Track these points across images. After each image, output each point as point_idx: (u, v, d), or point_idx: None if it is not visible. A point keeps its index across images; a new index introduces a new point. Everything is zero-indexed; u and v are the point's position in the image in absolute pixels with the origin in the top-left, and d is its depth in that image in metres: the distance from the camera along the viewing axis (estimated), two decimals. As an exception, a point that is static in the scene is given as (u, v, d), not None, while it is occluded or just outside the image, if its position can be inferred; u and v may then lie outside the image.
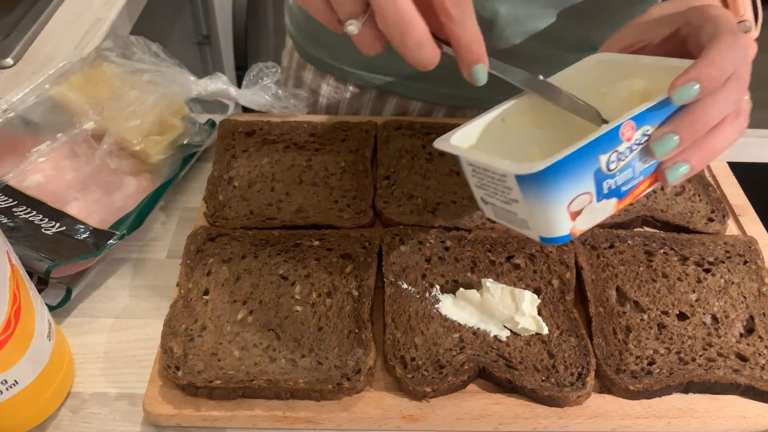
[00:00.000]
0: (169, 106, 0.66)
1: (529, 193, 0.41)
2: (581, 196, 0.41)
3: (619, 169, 0.42)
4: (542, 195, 0.40)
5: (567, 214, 0.41)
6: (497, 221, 0.47)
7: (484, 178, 0.44)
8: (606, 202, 0.43)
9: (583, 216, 0.42)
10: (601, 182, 0.41)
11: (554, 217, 0.41)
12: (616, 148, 0.41)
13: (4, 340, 0.42)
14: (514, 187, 0.41)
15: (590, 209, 0.42)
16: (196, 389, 0.48)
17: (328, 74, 0.80)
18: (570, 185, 0.40)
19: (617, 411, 0.49)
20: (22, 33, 0.90)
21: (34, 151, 0.62)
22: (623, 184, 0.43)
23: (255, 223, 0.61)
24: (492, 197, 0.45)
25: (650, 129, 0.42)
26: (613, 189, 0.42)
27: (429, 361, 0.50)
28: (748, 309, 0.54)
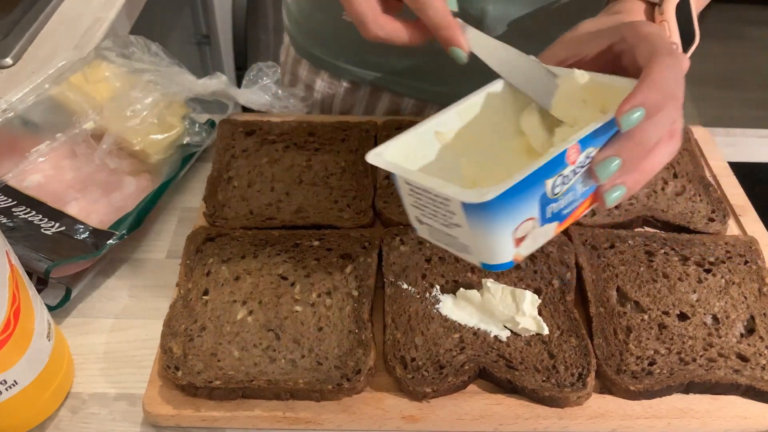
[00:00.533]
0: (168, 105, 0.66)
1: (475, 220, 0.39)
2: (526, 222, 0.40)
3: (563, 193, 0.41)
4: (489, 222, 0.39)
5: (512, 241, 0.40)
6: (432, 242, 0.46)
7: (423, 199, 0.43)
8: (548, 227, 0.42)
9: (527, 242, 0.41)
10: (545, 207, 0.41)
11: (499, 244, 0.40)
12: (561, 172, 0.40)
13: (4, 340, 0.42)
14: (458, 213, 0.40)
15: (534, 234, 0.42)
16: (195, 389, 0.48)
17: (323, 70, 0.80)
18: (517, 212, 0.39)
19: (618, 411, 0.49)
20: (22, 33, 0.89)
21: (33, 151, 0.62)
22: (565, 207, 0.42)
23: (255, 223, 0.61)
24: (430, 218, 0.43)
25: (593, 151, 0.41)
26: (556, 213, 0.42)
27: (429, 361, 0.50)
28: (749, 309, 0.54)
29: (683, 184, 0.65)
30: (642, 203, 0.63)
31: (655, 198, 0.64)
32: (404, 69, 0.75)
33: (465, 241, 0.42)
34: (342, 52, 0.77)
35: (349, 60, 0.77)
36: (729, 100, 2.59)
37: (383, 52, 0.74)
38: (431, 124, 0.47)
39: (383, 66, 0.76)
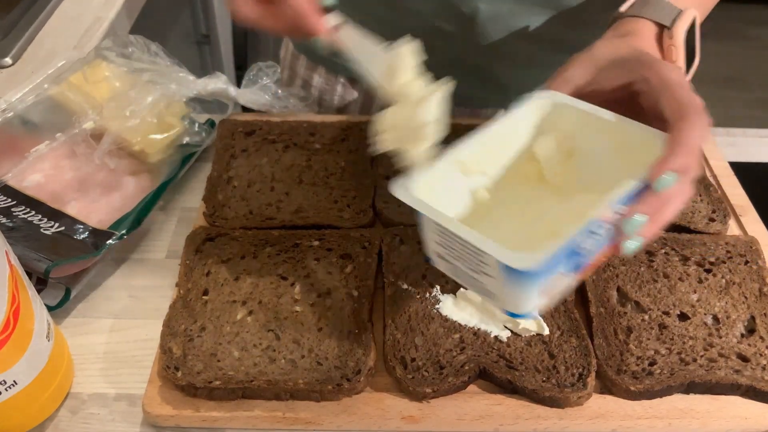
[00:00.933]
0: (168, 105, 0.66)
1: (512, 279, 0.39)
2: (555, 277, 0.41)
3: (589, 247, 0.41)
4: (524, 282, 0.39)
5: (539, 295, 0.41)
6: (450, 276, 0.45)
7: (453, 243, 0.42)
8: (571, 276, 0.42)
9: (550, 292, 0.42)
10: (572, 260, 0.41)
11: (527, 299, 0.41)
12: (594, 231, 0.41)
13: (3, 340, 0.42)
14: (493, 267, 0.40)
15: (557, 285, 0.42)
16: (195, 390, 0.48)
17: (320, 65, 0.81)
18: (551, 271, 0.40)
19: (618, 411, 0.49)
20: (21, 32, 0.89)
21: (33, 151, 0.62)
22: (587, 258, 0.42)
23: (254, 223, 0.61)
24: (456, 261, 0.43)
25: (621, 208, 0.41)
26: (579, 265, 0.42)
27: (429, 361, 0.50)
28: (749, 309, 0.54)
29: (683, 184, 0.65)
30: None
31: (656, 198, 0.64)
32: None
33: (492, 290, 0.42)
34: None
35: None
36: (729, 100, 2.59)
37: None
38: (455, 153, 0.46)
39: None
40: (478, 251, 0.40)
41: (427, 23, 0.68)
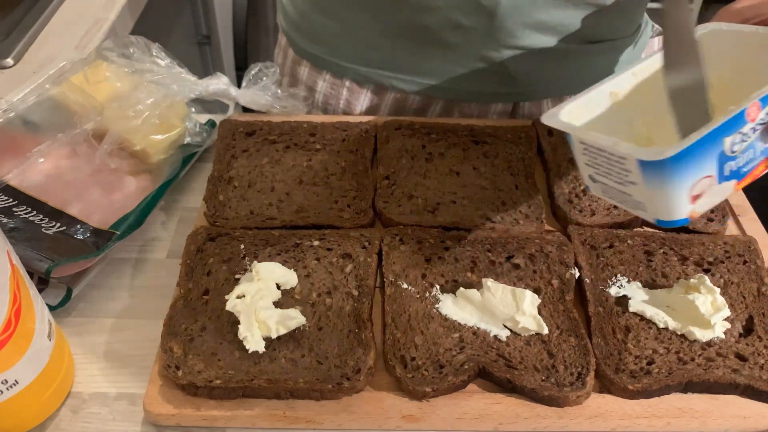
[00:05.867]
0: (169, 106, 0.66)
1: (652, 178, 0.39)
2: (704, 179, 0.40)
3: (742, 150, 0.41)
4: (666, 180, 0.39)
5: (688, 198, 0.40)
6: (605, 198, 0.46)
7: (598, 158, 0.43)
8: (726, 184, 0.42)
9: (704, 198, 0.41)
10: (723, 164, 0.40)
11: (675, 201, 0.40)
12: (740, 130, 0.39)
13: (5, 340, 0.42)
14: (634, 171, 0.40)
15: (711, 191, 0.41)
16: (196, 389, 0.48)
17: (325, 70, 0.80)
18: (695, 170, 0.39)
19: (617, 411, 0.49)
20: (23, 33, 0.90)
21: (34, 151, 0.62)
22: (744, 165, 0.42)
23: (255, 223, 0.61)
24: (604, 177, 0.44)
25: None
26: (734, 170, 0.41)
27: (429, 360, 0.50)
28: (748, 309, 0.54)
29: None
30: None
31: (655, 198, 0.64)
32: (410, 66, 0.75)
33: (640, 198, 0.42)
34: (345, 52, 0.77)
35: (353, 59, 0.77)
36: (729, 100, 2.58)
37: (389, 51, 0.74)
38: (606, 85, 0.48)
39: (389, 64, 0.76)
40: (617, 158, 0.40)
41: (444, 18, 0.68)
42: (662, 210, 0.41)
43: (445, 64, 0.73)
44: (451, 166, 0.67)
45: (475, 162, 0.67)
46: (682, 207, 0.41)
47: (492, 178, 0.65)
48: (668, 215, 0.41)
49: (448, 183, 0.65)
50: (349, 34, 0.75)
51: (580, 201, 0.63)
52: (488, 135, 0.70)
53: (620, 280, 0.56)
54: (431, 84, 0.76)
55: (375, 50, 0.75)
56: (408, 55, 0.74)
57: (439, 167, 0.67)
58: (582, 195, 0.64)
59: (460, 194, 0.64)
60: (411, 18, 0.70)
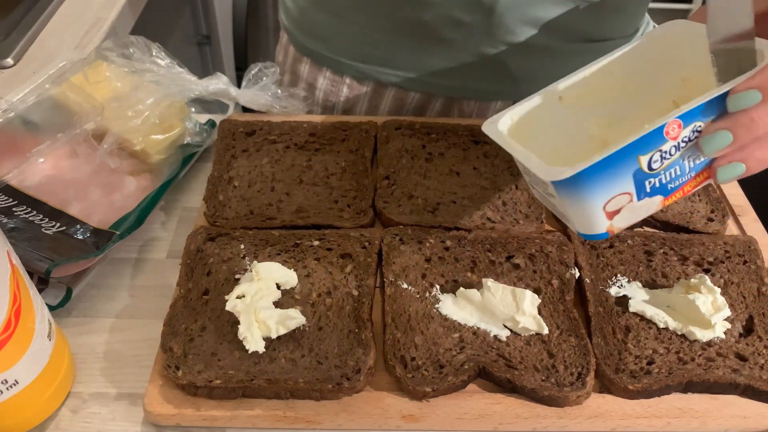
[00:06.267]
0: (169, 106, 0.66)
1: (564, 194, 0.40)
2: (619, 196, 0.40)
3: (664, 168, 0.40)
4: (575, 197, 0.39)
5: (603, 214, 0.40)
6: (544, 204, 0.47)
7: (528, 172, 0.44)
8: (649, 200, 0.41)
9: (623, 214, 0.41)
10: (642, 181, 0.40)
11: (590, 217, 0.40)
12: (659, 148, 0.39)
13: (5, 340, 0.42)
14: (549, 185, 0.41)
15: (630, 208, 0.41)
16: (196, 389, 0.48)
17: (325, 67, 0.80)
18: (605, 187, 0.39)
19: (617, 411, 0.49)
20: (23, 33, 0.90)
21: (34, 151, 0.62)
22: (670, 181, 0.41)
23: (255, 223, 0.61)
24: (535, 186, 0.45)
25: (701, 125, 0.39)
26: (658, 187, 0.41)
27: (429, 360, 0.50)
28: (748, 309, 0.54)
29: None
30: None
31: (655, 198, 0.64)
32: (410, 63, 0.75)
33: (561, 210, 0.43)
34: (345, 49, 0.77)
35: (353, 56, 0.77)
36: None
37: (389, 47, 0.74)
38: (556, 87, 0.48)
39: (388, 61, 0.76)
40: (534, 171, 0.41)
41: (443, 15, 0.68)
42: (581, 224, 0.42)
43: (444, 61, 0.73)
44: (451, 166, 0.67)
45: (475, 162, 0.67)
46: (599, 222, 0.41)
47: (492, 178, 0.65)
48: (587, 229, 0.42)
49: (448, 183, 0.65)
50: (349, 31, 0.75)
51: (580, 201, 0.63)
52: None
53: (620, 280, 0.56)
54: (431, 81, 0.76)
55: (374, 47, 0.75)
56: (407, 52, 0.74)
57: (439, 167, 0.67)
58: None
59: (460, 194, 0.64)
60: (410, 14, 0.70)
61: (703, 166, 0.42)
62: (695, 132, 0.40)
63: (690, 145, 0.40)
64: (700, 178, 0.42)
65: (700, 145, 0.39)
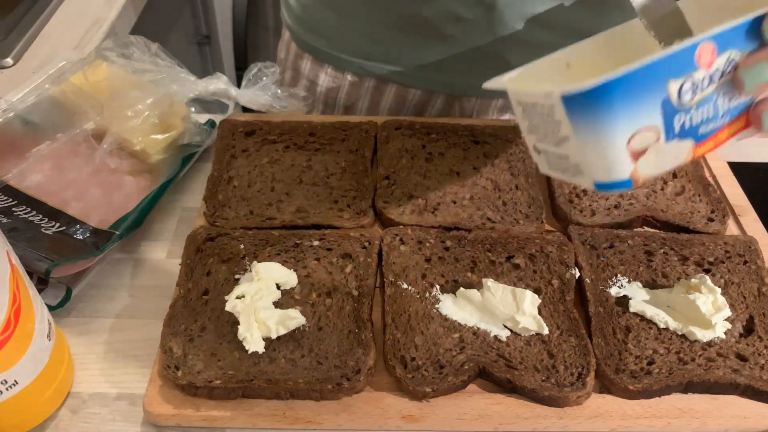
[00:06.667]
0: (169, 106, 0.66)
1: (579, 121, 0.34)
2: (645, 131, 0.34)
3: (696, 103, 0.35)
4: (595, 123, 0.34)
5: (626, 153, 0.35)
6: (550, 173, 0.41)
7: (534, 117, 0.38)
8: (678, 144, 0.36)
9: (649, 158, 0.35)
10: (671, 116, 0.35)
11: (611, 155, 0.35)
12: (690, 75, 0.34)
13: (4, 340, 0.42)
14: (562, 119, 0.35)
15: (657, 150, 0.35)
16: (195, 389, 0.48)
17: (326, 63, 0.80)
18: (629, 114, 0.34)
19: (617, 411, 0.49)
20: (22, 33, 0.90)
21: (34, 151, 0.62)
22: (702, 123, 0.36)
23: (255, 223, 0.61)
24: (543, 141, 0.39)
25: (737, 56, 0.35)
26: (689, 128, 0.36)
27: (429, 361, 0.50)
28: (748, 309, 0.54)
29: (683, 184, 0.66)
30: (642, 203, 0.63)
31: (655, 198, 0.64)
32: (411, 60, 0.75)
33: (576, 159, 0.37)
34: (347, 45, 0.77)
35: (355, 52, 0.77)
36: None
37: (390, 44, 0.74)
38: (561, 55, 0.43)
39: (389, 57, 0.76)
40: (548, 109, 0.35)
41: (443, 10, 0.68)
42: (599, 168, 0.36)
43: (445, 57, 0.73)
44: (451, 166, 0.67)
45: (475, 162, 0.67)
46: (621, 164, 0.35)
47: (492, 178, 0.65)
48: (607, 174, 0.36)
49: (448, 183, 0.65)
50: (350, 27, 0.75)
51: (580, 201, 0.63)
52: (488, 135, 0.70)
53: (621, 280, 0.56)
54: (431, 77, 0.76)
55: (375, 43, 0.75)
56: (408, 48, 0.74)
57: (439, 167, 0.67)
58: (582, 195, 0.64)
59: (460, 194, 0.64)
60: (410, 10, 0.70)
61: (740, 110, 0.37)
62: (730, 63, 0.35)
63: (725, 80, 0.35)
64: (736, 126, 0.37)
65: (740, 77, 0.34)
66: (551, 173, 0.41)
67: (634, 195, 0.64)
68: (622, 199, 0.63)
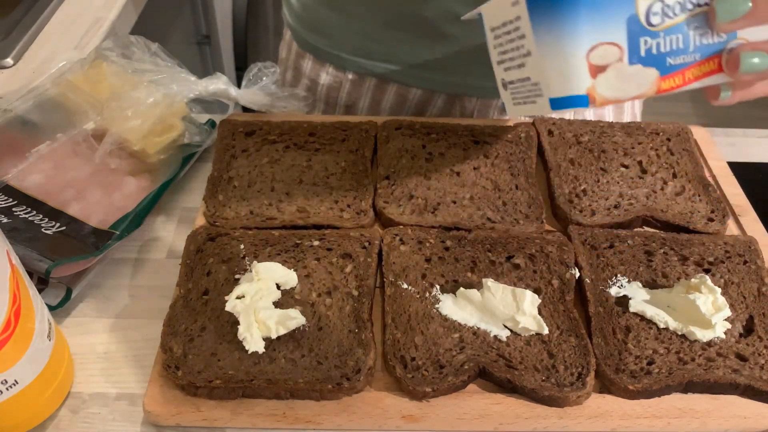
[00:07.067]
0: (169, 106, 0.66)
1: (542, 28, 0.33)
2: (607, 45, 0.34)
3: (665, 29, 0.34)
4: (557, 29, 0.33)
5: (586, 65, 0.34)
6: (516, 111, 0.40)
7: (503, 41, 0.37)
8: (642, 70, 0.35)
9: (608, 76, 0.34)
10: (636, 36, 0.34)
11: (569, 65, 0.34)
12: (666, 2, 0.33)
13: (4, 340, 0.42)
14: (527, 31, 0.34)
15: (618, 70, 0.35)
16: (196, 389, 0.48)
17: (327, 63, 0.80)
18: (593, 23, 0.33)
19: (617, 411, 0.49)
20: (22, 33, 0.90)
21: (34, 151, 0.62)
22: (670, 54, 0.35)
23: (255, 223, 0.61)
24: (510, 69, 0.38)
25: None
26: (655, 55, 0.35)
27: (429, 361, 0.50)
28: (748, 309, 0.54)
29: (683, 184, 0.66)
30: (641, 203, 0.63)
31: (655, 198, 0.64)
32: (411, 59, 0.75)
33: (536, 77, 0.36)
34: (348, 44, 0.77)
35: (355, 51, 0.77)
36: (729, 100, 2.58)
37: (390, 43, 0.74)
38: None
39: (390, 56, 0.76)
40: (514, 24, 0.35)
41: (444, 10, 0.68)
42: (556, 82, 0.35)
43: (445, 56, 0.74)
44: (451, 166, 0.67)
45: (475, 162, 0.67)
46: (578, 77, 0.34)
47: (492, 178, 0.65)
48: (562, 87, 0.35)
49: (448, 183, 0.65)
50: (351, 26, 0.75)
51: (580, 201, 0.63)
52: (488, 135, 0.70)
53: (620, 280, 0.56)
54: (432, 77, 0.76)
55: (376, 42, 0.75)
56: (408, 48, 0.74)
57: (439, 167, 0.67)
58: (582, 195, 0.64)
59: (460, 194, 0.64)
60: (411, 9, 0.70)
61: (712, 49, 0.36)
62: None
63: (699, 12, 0.35)
64: (706, 67, 0.36)
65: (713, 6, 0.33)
66: (517, 110, 0.40)
67: (634, 195, 0.64)
68: (622, 199, 0.63)
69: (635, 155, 0.68)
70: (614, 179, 0.65)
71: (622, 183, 0.65)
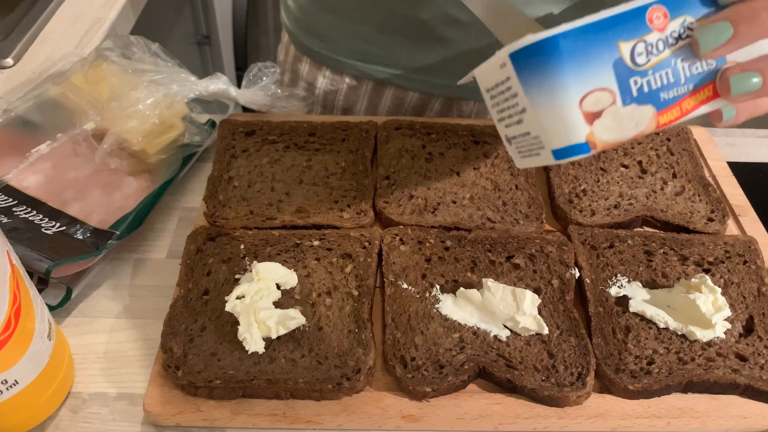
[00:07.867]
0: (169, 106, 0.66)
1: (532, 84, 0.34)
2: (599, 92, 0.34)
3: (653, 66, 0.35)
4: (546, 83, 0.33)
5: (580, 114, 0.34)
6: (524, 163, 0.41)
7: (499, 100, 0.38)
8: (637, 109, 0.35)
9: (605, 120, 0.35)
10: (626, 79, 0.34)
11: (564, 116, 0.34)
12: (642, 37, 0.34)
13: (4, 340, 0.42)
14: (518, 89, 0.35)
15: (614, 113, 0.35)
16: (196, 389, 0.48)
17: (324, 66, 0.80)
18: (580, 73, 0.33)
19: (617, 411, 0.49)
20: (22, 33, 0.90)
21: (34, 151, 0.62)
22: (662, 89, 0.35)
23: (255, 223, 0.61)
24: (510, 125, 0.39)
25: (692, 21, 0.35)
26: (647, 92, 0.35)
27: (429, 361, 0.50)
28: (748, 309, 0.54)
29: (683, 184, 0.66)
30: (641, 203, 0.63)
31: (655, 198, 0.64)
32: (408, 62, 0.75)
33: (535, 130, 0.36)
34: (345, 48, 0.77)
35: (353, 55, 0.77)
36: (729, 100, 2.57)
37: (387, 46, 0.74)
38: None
39: (387, 60, 0.76)
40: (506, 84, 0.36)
41: (440, 13, 0.68)
42: (555, 134, 0.35)
43: (442, 59, 0.74)
44: (451, 166, 0.67)
45: (475, 162, 0.67)
46: (576, 126, 0.34)
47: (492, 178, 0.65)
48: (562, 138, 0.35)
49: (448, 183, 0.65)
50: (348, 29, 0.75)
51: (580, 201, 0.63)
52: (488, 135, 0.70)
53: (620, 280, 0.56)
54: (429, 80, 0.76)
55: (373, 45, 0.75)
56: (405, 51, 0.74)
57: (439, 167, 0.67)
58: (582, 195, 0.64)
59: (460, 194, 0.64)
60: (408, 12, 0.70)
61: (704, 77, 0.36)
62: (686, 28, 0.35)
63: (683, 45, 0.35)
64: (702, 95, 0.37)
65: (695, 37, 0.34)
66: (524, 162, 0.41)
67: (634, 195, 0.64)
68: (621, 199, 0.63)
69: (635, 155, 0.68)
70: (614, 179, 0.65)
71: (622, 183, 0.65)
